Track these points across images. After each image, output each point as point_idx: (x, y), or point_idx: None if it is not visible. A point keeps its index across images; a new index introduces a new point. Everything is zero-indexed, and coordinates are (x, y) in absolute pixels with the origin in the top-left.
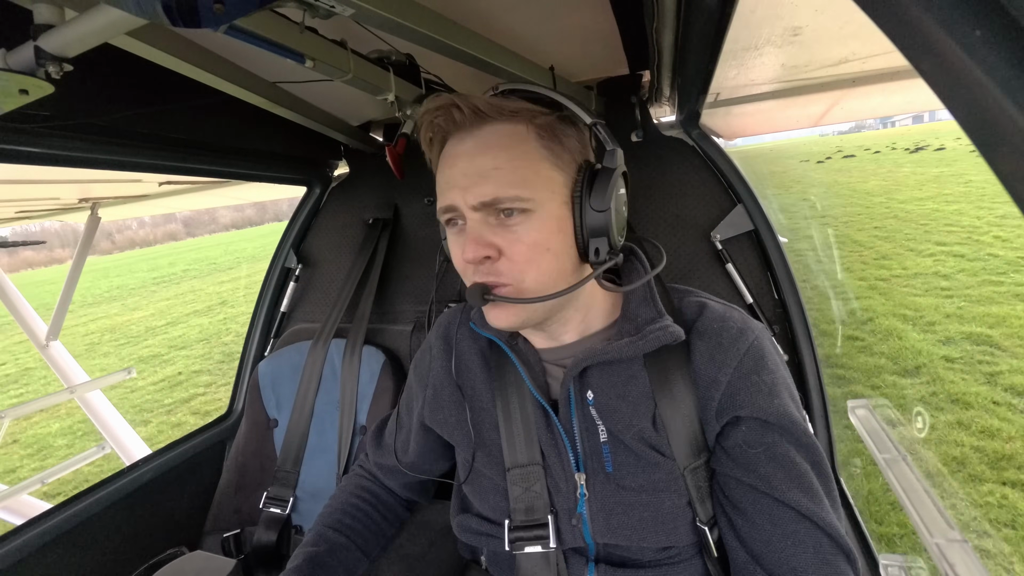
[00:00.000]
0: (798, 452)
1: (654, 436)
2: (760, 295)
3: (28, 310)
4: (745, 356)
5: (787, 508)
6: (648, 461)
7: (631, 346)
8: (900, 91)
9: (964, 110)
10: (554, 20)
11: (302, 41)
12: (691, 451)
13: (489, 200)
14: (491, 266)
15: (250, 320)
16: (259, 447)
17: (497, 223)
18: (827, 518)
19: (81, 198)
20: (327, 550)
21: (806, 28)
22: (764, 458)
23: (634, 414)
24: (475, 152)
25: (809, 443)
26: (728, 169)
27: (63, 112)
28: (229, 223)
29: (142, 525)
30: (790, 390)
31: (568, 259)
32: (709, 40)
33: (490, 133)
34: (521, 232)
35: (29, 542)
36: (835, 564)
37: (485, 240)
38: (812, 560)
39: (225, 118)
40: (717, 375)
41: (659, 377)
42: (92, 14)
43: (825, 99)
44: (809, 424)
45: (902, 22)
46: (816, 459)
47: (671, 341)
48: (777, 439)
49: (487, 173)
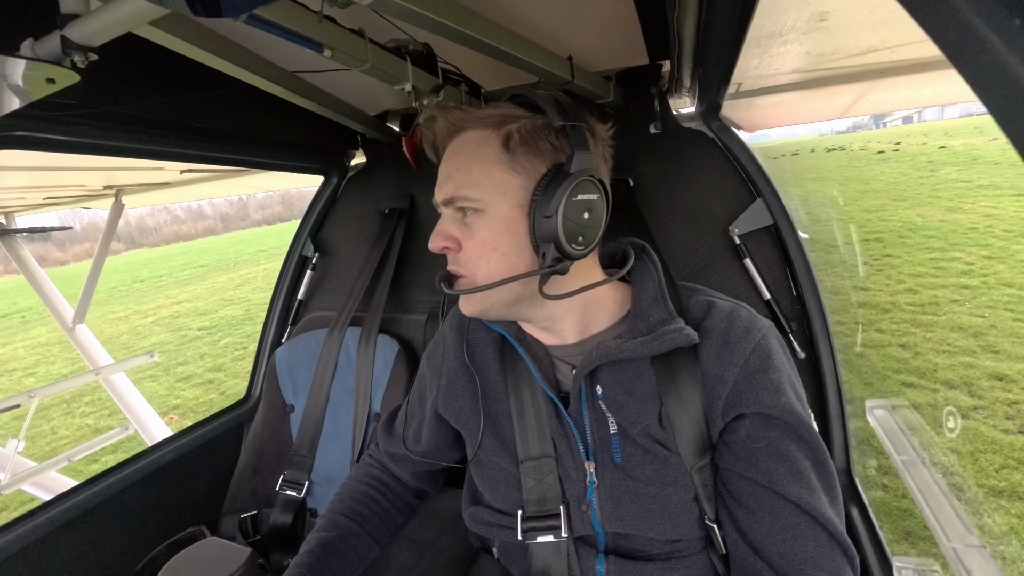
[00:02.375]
0: (800, 448)
1: (660, 433)
2: (778, 291)
3: (57, 295)
4: (752, 355)
5: (787, 502)
6: (655, 455)
7: (644, 347)
8: (931, 83)
9: (1000, 104)
10: (573, 9)
11: (320, 30)
12: (697, 449)
13: (448, 198)
14: (454, 257)
15: (268, 307)
16: (276, 431)
17: (460, 220)
18: (827, 514)
19: (106, 185)
20: (339, 536)
21: (833, 13)
22: (766, 453)
23: (641, 411)
24: (449, 155)
25: (812, 440)
26: (748, 162)
27: (88, 100)
28: (260, 219)
29: (163, 504)
30: (795, 388)
31: (520, 260)
32: (732, 28)
33: (463, 139)
34: (474, 229)
35: (57, 517)
36: (832, 558)
37: (446, 232)
38: (811, 553)
39: (245, 107)
40: (724, 374)
41: (666, 375)
42: (117, 3)
43: (851, 90)
44: (814, 422)
45: (935, 8)
46: (819, 456)
47: (685, 344)
48: (780, 434)
49: (450, 174)
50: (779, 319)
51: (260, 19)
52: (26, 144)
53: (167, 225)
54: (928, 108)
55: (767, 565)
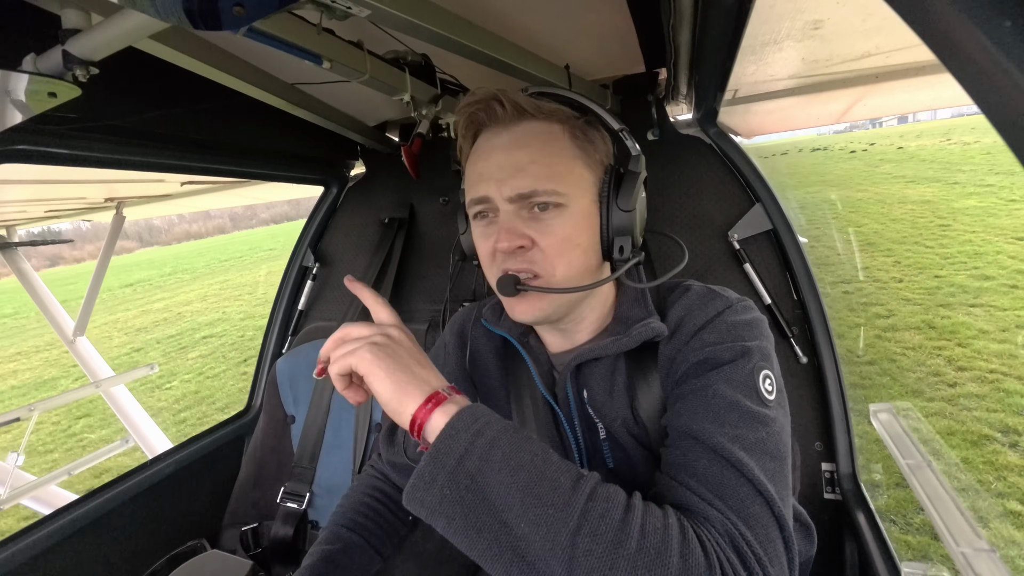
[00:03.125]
0: (727, 387)
1: (634, 427)
2: (779, 296)
3: (57, 307)
4: (704, 328)
5: (697, 442)
6: (638, 454)
7: (615, 344)
8: (926, 87)
9: (994, 105)
10: (570, 19)
11: (319, 42)
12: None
13: (526, 192)
14: (524, 255)
15: (268, 318)
16: (277, 443)
17: (529, 216)
18: (737, 454)
19: (107, 197)
20: (341, 548)
21: (827, 21)
22: (691, 396)
23: (618, 407)
24: (512, 147)
25: (748, 385)
26: (746, 167)
27: (89, 114)
28: (268, 218)
29: (163, 517)
30: (745, 343)
31: (594, 255)
32: (727, 36)
33: (526, 130)
34: (554, 225)
35: (56, 531)
36: (735, 488)
37: (518, 231)
38: (713, 474)
39: (245, 119)
40: (675, 354)
41: (636, 369)
42: (117, 18)
43: (847, 95)
44: (777, 392)
45: (927, 14)
46: (747, 408)
47: (652, 337)
48: (708, 377)
49: (524, 167)
50: (780, 323)
51: (260, 32)
52: (28, 158)
53: (176, 225)
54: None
55: (665, 474)
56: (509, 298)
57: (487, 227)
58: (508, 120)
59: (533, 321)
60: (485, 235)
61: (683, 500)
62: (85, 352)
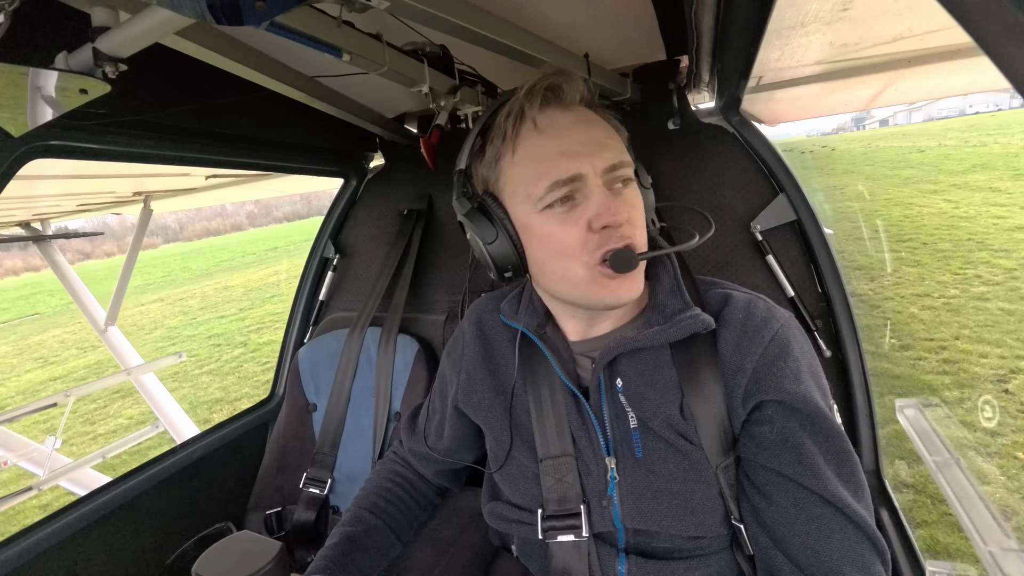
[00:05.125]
0: (820, 439)
1: (682, 424)
2: (802, 289)
3: (90, 298)
4: (770, 343)
5: (811, 493)
6: (677, 448)
7: (661, 334)
8: (961, 71)
9: None
10: (589, 6)
11: (339, 35)
12: (721, 446)
13: (616, 163)
14: (619, 231)
15: (291, 308)
16: (299, 430)
17: (612, 191)
18: (853, 505)
19: (135, 191)
20: (363, 531)
21: (857, 2)
22: (788, 443)
23: (662, 402)
24: (585, 124)
25: (833, 431)
26: (770, 157)
27: (118, 110)
28: (281, 216)
29: (191, 500)
30: (816, 378)
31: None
32: (752, 21)
33: (586, 112)
34: (634, 199)
35: (90, 513)
36: (861, 552)
37: (619, 204)
38: (837, 546)
39: (267, 113)
40: (743, 362)
41: (686, 367)
42: (144, 15)
43: (877, 80)
44: (837, 414)
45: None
46: (842, 447)
47: (701, 329)
48: (800, 424)
49: (604, 142)
50: (804, 317)
51: (280, 26)
52: (59, 153)
53: (196, 222)
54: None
55: (788, 559)
56: (613, 279)
57: (570, 211)
58: (573, 102)
59: (633, 299)
60: (570, 220)
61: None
62: (116, 341)
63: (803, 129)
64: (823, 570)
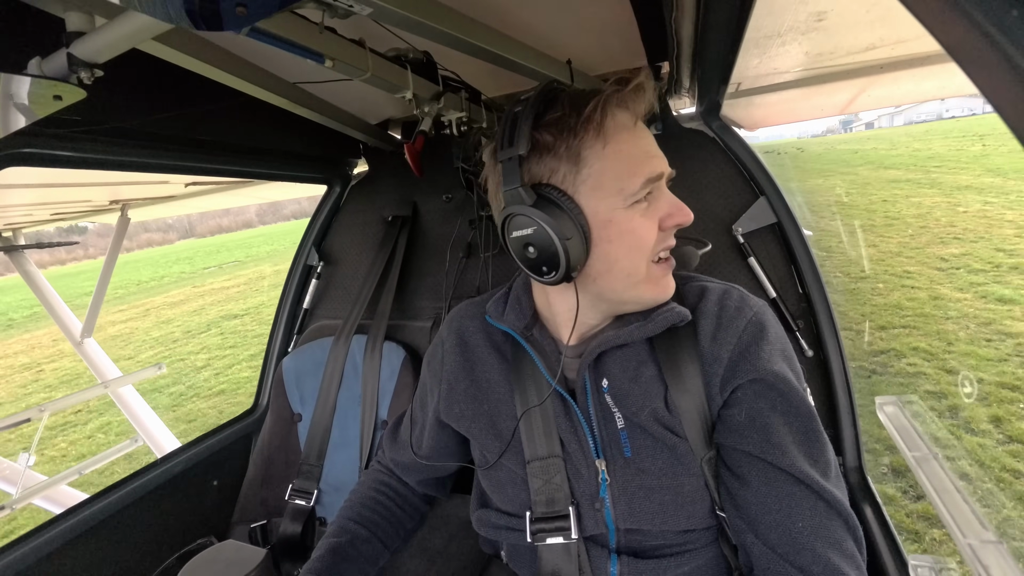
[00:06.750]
0: (792, 417)
1: (668, 417)
2: (784, 289)
3: (65, 310)
4: (744, 331)
5: (780, 471)
6: (664, 444)
7: (640, 329)
8: (932, 76)
9: (1002, 96)
10: (571, 13)
11: (321, 41)
12: (704, 437)
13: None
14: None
15: (274, 317)
16: (284, 441)
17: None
18: (821, 482)
19: (112, 200)
20: (349, 541)
21: (831, 13)
22: (758, 423)
23: (646, 396)
24: (644, 129)
25: (805, 410)
26: (750, 161)
27: (94, 116)
28: (289, 214)
29: (173, 516)
30: (790, 361)
31: None
32: (730, 29)
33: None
34: None
35: (67, 531)
36: (832, 529)
37: None
38: (808, 524)
39: (248, 119)
40: (720, 352)
41: (668, 361)
42: (121, 20)
43: (851, 86)
44: (809, 396)
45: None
46: (811, 426)
47: (678, 321)
48: (771, 403)
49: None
50: (785, 317)
51: (261, 31)
52: (33, 161)
53: (208, 219)
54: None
55: (761, 541)
56: (664, 276)
57: (648, 208)
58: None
59: (670, 296)
60: (649, 216)
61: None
62: (93, 353)
63: (794, 131)
64: (795, 548)
